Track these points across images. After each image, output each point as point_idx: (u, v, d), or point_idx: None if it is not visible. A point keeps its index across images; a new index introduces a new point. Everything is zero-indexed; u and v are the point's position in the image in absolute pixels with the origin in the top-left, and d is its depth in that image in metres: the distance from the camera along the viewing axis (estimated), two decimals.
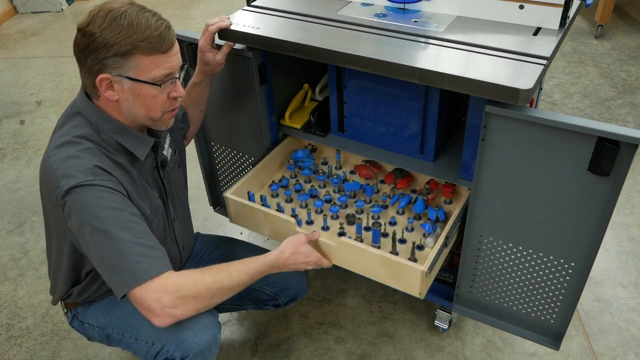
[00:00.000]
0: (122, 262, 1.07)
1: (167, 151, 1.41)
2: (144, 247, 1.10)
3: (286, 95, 1.76)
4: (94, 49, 1.08)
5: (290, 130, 1.74)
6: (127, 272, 1.07)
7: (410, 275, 1.28)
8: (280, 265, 1.31)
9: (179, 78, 1.19)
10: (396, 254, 1.39)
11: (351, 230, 1.51)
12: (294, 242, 1.34)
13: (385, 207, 1.58)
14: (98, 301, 1.37)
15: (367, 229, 1.51)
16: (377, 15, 1.49)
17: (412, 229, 1.50)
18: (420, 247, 1.43)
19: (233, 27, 1.46)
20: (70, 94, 3.37)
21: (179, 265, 1.48)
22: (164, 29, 1.11)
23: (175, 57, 1.15)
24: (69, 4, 4.88)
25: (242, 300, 1.61)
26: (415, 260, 1.36)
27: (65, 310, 1.43)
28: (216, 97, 1.68)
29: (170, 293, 1.08)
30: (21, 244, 2.30)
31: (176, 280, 1.10)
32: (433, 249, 1.33)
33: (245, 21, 1.49)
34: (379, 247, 1.41)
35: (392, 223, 1.54)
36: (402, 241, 1.46)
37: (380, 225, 1.43)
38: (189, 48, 1.57)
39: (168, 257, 1.15)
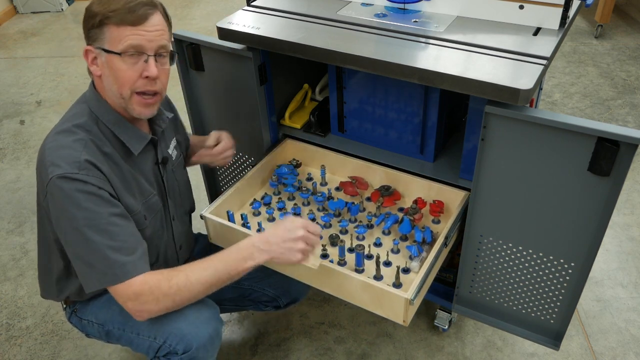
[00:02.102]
0: (94, 262, 1.13)
1: (172, 150, 1.42)
2: (116, 251, 1.13)
3: (286, 95, 1.76)
4: (84, 21, 1.15)
5: (290, 130, 1.74)
6: (99, 272, 1.14)
7: (394, 302, 1.22)
8: (262, 247, 1.18)
9: (156, 60, 1.16)
10: (380, 277, 1.35)
11: (334, 252, 1.42)
12: (280, 224, 1.22)
13: (370, 227, 1.53)
14: (97, 297, 1.37)
15: (351, 250, 1.44)
16: (377, 15, 1.49)
17: (398, 251, 1.44)
18: (406, 271, 1.37)
19: (233, 27, 1.46)
20: (70, 94, 3.37)
21: (176, 264, 1.47)
22: (137, 4, 1.12)
23: (148, 33, 1.13)
24: (69, 4, 4.88)
25: (243, 300, 1.61)
26: (400, 285, 1.32)
27: (64, 306, 1.43)
28: (216, 97, 1.68)
29: (132, 300, 1.15)
30: (21, 244, 2.30)
31: (136, 288, 1.14)
32: (418, 274, 1.27)
33: (245, 21, 1.49)
34: (362, 271, 1.36)
35: (377, 244, 1.47)
36: (387, 264, 1.39)
37: (364, 247, 1.35)
38: (189, 48, 1.57)
39: (143, 257, 1.17)
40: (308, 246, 1.21)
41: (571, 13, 1.36)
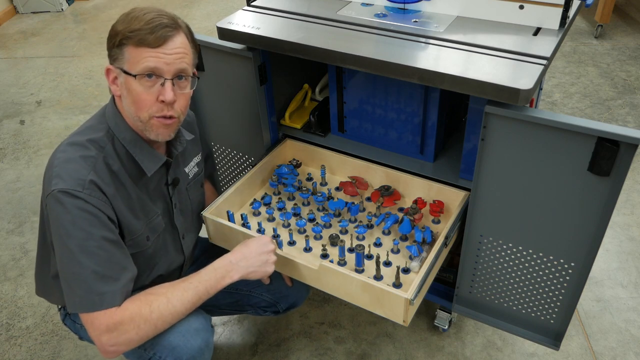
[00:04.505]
0: (75, 285, 1.11)
1: (191, 169, 1.41)
2: (100, 277, 1.10)
3: (286, 95, 1.76)
4: (107, 39, 1.15)
5: (290, 130, 1.74)
6: (77, 296, 1.11)
7: (394, 302, 1.22)
8: (238, 267, 1.25)
9: (173, 84, 1.13)
10: (380, 278, 1.35)
11: (334, 252, 1.43)
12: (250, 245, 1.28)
13: (371, 227, 1.52)
14: None
15: (351, 250, 1.44)
16: (377, 15, 1.49)
17: (398, 251, 1.44)
18: (406, 271, 1.37)
19: (233, 27, 1.46)
20: (70, 94, 3.37)
21: (178, 275, 1.47)
22: (157, 25, 1.09)
23: (166, 56, 1.11)
24: (69, 4, 4.88)
25: (242, 306, 1.61)
26: (400, 285, 1.32)
27: (59, 307, 1.43)
28: (216, 97, 1.69)
29: (111, 332, 1.11)
30: (21, 244, 2.30)
31: (116, 318, 1.11)
32: (418, 274, 1.26)
33: (245, 21, 1.49)
34: (362, 271, 1.36)
35: (377, 244, 1.46)
36: (387, 264, 1.39)
37: (364, 247, 1.35)
38: None
39: (125, 287, 1.14)
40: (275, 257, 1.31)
41: (571, 13, 1.36)
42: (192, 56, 1.18)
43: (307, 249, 1.46)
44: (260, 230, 1.49)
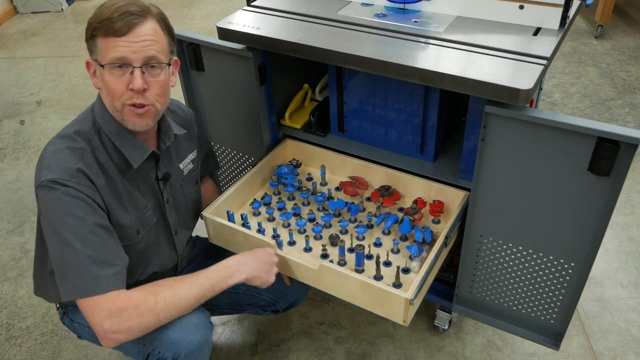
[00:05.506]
0: (69, 272, 1.11)
1: (186, 165, 1.41)
2: (95, 262, 1.11)
3: (286, 95, 1.76)
4: (85, 33, 1.15)
5: (290, 130, 1.74)
6: (70, 282, 1.11)
7: (394, 302, 1.22)
8: (245, 269, 1.27)
9: (143, 71, 1.12)
10: (380, 278, 1.35)
11: (334, 252, 1.43)
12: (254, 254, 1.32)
13: (371, 227, 1.53)
14: None
15: (351, 250, 1.44)
16: (377, 15, 1.49)
17: (398, 251, 1.44)
18: (406, 271, 1.37)
19: (233, 27, 1.47)
20: (70, 94, 3.37)
21: (174, 272, 1.47)
22: (122, 14, 1.08)
23: (132, 44, 1.09)
24: (69, 4, 4.88)
25: (241, 305, 1.61)
26: (400, 285, 1.32)
27: (58, 306, 1.43)
28: (216, 97, 1.69)
29: (114, 317, 1.10)
30: (21, 244, 2.30)
31: (120, 303, 1.11)
32: (418, 274, 1.27)
33: (245, 21, 1.49)
34: (362, 271, 1.36)
35: (377, 244, 1.46)
36: (387, 264, 1.39)
37: (364, 247, 1.35)
38: (189, 48, 1.57)
39: (120, 274, 1.15)
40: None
41: (571, 13, 1.36)
42: (164, 43, 1.16)
43: (307, 249, 1.46)
44: (261, 230, 1.49)
